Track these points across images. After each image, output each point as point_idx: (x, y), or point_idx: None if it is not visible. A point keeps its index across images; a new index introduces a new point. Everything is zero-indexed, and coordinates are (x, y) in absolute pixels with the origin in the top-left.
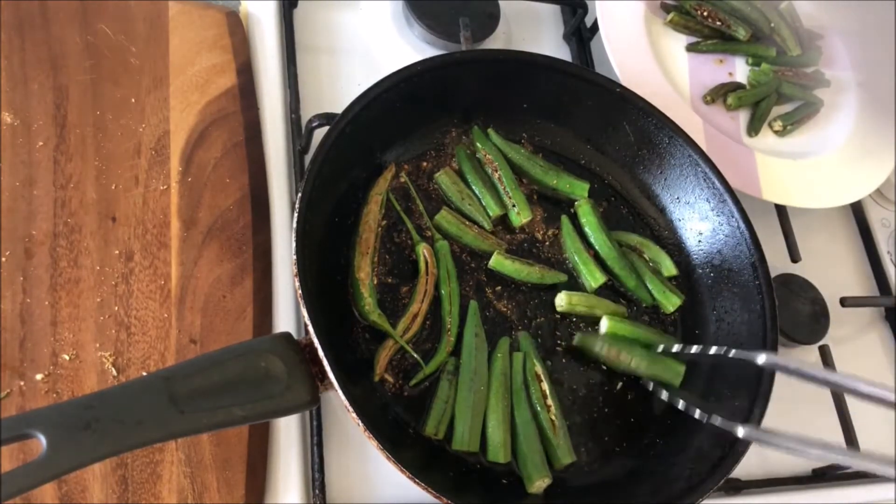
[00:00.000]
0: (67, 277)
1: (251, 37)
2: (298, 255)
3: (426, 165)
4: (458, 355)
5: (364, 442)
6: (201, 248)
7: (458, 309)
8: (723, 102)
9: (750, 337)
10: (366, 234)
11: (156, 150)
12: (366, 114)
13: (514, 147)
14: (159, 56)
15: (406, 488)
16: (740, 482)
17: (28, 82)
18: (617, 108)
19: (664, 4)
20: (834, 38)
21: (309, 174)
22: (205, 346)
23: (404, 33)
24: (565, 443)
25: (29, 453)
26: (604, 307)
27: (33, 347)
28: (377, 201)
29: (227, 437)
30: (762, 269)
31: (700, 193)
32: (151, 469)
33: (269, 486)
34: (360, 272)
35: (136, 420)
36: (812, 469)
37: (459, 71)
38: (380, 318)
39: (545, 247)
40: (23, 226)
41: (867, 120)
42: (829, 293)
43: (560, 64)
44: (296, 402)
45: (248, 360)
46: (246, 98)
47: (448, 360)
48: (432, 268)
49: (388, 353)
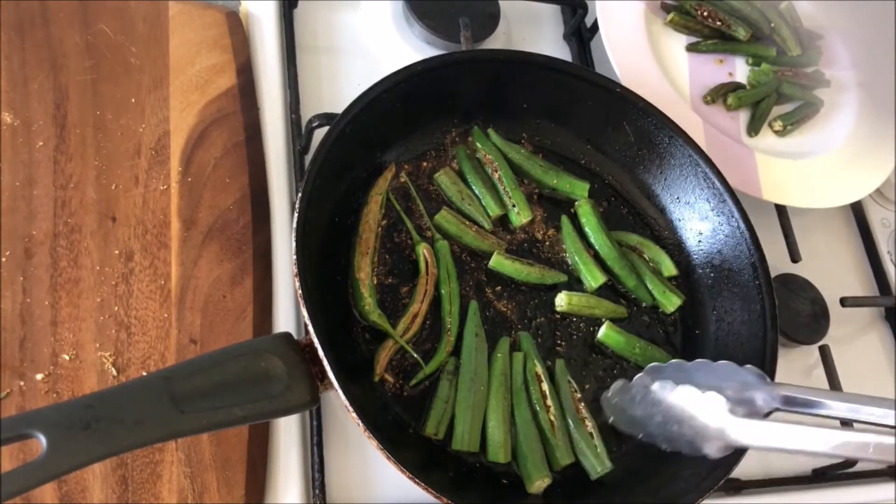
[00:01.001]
0: (67, 277)
1: (251, 37)
2: (298, 255)
3: (426, 165)
4: (458, 355)
5: (364, 442)
6: (201, 248)
7: (458, 309)
8: (723, 102)
9: (750, 337)
10: (366, 234)
11: (156, 150)
12: (366, 114)
13: (514, 147)
14: (159, 56)
15: (406, 488)
16: (740, 482)
17: (28, 82)
18: (617, 108)
19: (664, 4)
20: (834, 38)
21: (309, 174)
22: (205, 346)
23: (404, 33)
24: (564, 443)
25: (29, 453)
26: (604, 307)
27: (33, 347)
28: (377, 201)
29: (227, 437)
30: (762, 269)
31: (700, 193)
32: (151, 469)
33: (269, 486)
34: (360, 272)
35: (136, 420)
36: (812, 469)
37: (459, 71)
38: (380, 318)
39: (545, 247)
40: (23, 226)
41: (867, 120)
42: (829, 293)
43: (560, 64)
44: (296, 402)
45: (248, 360)
46: (246, 98)
47: (448, 360)
48: (432, 268)
49: (388, 353)
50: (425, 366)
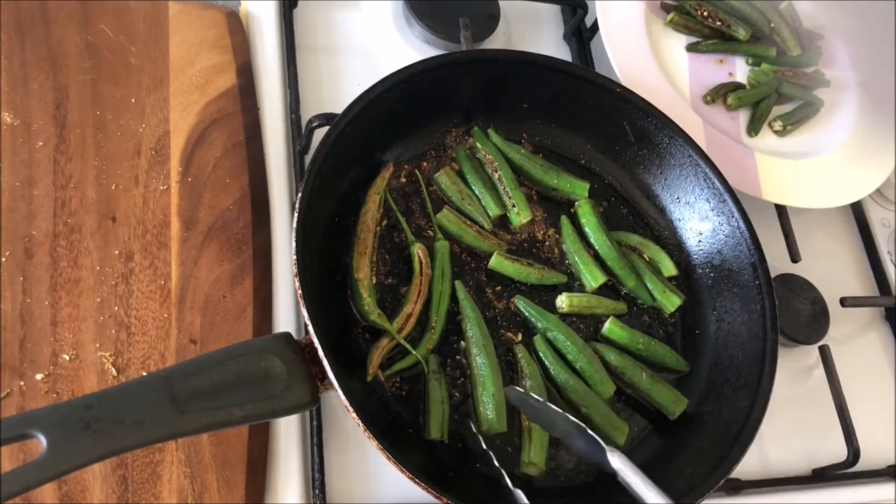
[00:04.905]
0: (67, 277)
1: (251, 37)
2: (298, 255)
3: (426, 165)
4: (439, 351)
5: (364, 442)
6: (201, 248)
7: (447, 309)
8: (723, 102)
9: (750, 337)
10: (364, 234)
11: (156, 150)
12: (366, 114)
13: (514, 147)
14: (159, 56)
15: (406, 488)
16: (740, 482)
17: (28, 82)
18: (617, 108)
19: (664, 4)
20: (834, 38)
21: (309, 174)
22: (205, 346)
23: (404, 33)
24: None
25: (29, 453)
26: (604, 307)
27: (33, 347)
28: (375, 201)
29: (227, 437)
30: (762, 269)
31: (700, 193)
32: (151, 469)
33: (269, 486)
34: (359, 272)
35: (136, 420)
36: (812, 469)
37: (459, 71)
38: (379, 318)
39: (545, 247)
40: (23, 226)
41: (867, 120)
42: (829, 293)
43: (560, 64)
44: (296, 402)
45: (247, 361)
46: (246, 98)
47: (429, 358)
48: (426, 268)
49: (382, 352)
50: (425, 366)
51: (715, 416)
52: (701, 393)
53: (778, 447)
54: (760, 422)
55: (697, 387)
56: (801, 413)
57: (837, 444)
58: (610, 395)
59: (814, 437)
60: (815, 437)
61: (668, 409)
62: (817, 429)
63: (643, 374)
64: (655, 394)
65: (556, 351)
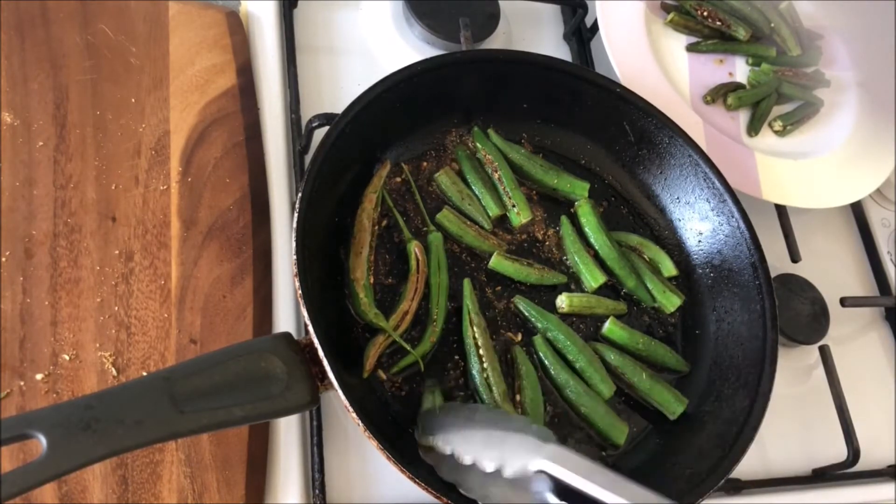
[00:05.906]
0: (67, 277)
1: (251, 37)
2: (298, 255)
3: (426, 165)
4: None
5: (364, 442)
6: (201, 248)
7: (447, 301)
8: (723, 102)
9: (750, 337)
10: (360, 234)
11: (156, 150)
12: (366, 114)
13: (514, 147)
14: (159, 56)
15: (406, 488)
16: (740, 482)
17: (28, 82)
18: (617, 108)
19: (664, 4)
20: (834, 38)
21: (309, 174)
22: (205, 346)
23: (404, 33)
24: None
25: (29, 453)
26: (604, 307)
27: (33, 347)
28: (371, 200)
29: (227, 437)
30: (762, 269)
31: (700, 193)
32: (151, 469)
33: (269, 486)
34: (355, 272)
35: (136, 420)
36: (812, 469)
37: (459, 71)
38: (377, 318)
39: (545, 247)
40: (23, 226)
41: (867, 120)
42: (829, 293)
43: (560, 64)
44: (296, 402)
45: (247, 361)
46: (246, 98)
47: (428, 381)
48: (423, 266)
49: (378, 349)
50: (424, 365)
51: (715, 416)
52: (701, 393)
53: (778, 447)
54: (760, 422)
55: (697, 387)
56: (801, 413)
57: (837, 444)
58: (610, 395)
59: (814, 437)
60: (815, 437)
61: (667, 409)
62: (817, 429)
63: (643, 374)
64: (655, 394)
65: (556, 351)
